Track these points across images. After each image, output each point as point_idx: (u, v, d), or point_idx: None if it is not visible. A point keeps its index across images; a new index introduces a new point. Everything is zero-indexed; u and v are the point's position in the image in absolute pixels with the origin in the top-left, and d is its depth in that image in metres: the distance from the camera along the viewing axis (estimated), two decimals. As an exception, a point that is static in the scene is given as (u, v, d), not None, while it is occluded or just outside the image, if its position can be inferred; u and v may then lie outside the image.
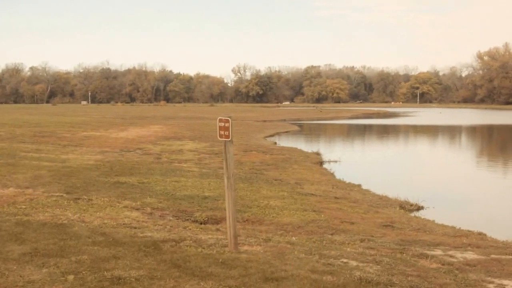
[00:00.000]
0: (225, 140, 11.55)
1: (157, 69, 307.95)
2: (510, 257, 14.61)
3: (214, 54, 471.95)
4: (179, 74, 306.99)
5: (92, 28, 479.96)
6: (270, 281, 9.60)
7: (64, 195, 19.34)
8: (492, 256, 14.54)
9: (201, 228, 15.27)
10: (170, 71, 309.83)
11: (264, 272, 10.05)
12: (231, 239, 11.90)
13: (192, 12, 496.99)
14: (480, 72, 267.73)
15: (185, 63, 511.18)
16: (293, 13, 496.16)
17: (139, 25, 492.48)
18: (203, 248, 11.94)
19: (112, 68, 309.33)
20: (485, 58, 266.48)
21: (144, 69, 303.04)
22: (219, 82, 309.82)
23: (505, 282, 11.89)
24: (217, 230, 15.07)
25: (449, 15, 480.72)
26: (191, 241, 12.57)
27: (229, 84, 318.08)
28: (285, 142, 60.69)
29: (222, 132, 11.53)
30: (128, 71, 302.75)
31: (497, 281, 11.91)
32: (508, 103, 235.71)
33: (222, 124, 11.48)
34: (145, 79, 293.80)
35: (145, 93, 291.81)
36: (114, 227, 14.18)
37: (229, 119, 11.36)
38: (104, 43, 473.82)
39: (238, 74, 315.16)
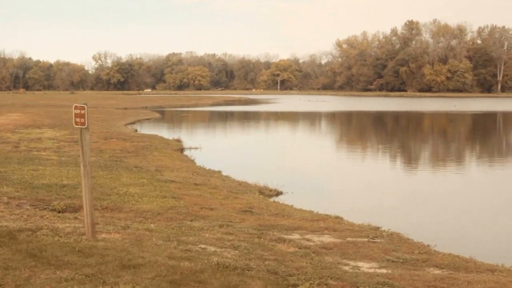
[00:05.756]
0: (81, 127, 11.43)
1: (16, 56, 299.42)
2: (366, 239, 15.07)
3: (75, 41, 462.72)
4: (38, 61, 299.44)
5: None
6: (127, 268, 9.58)
7: None
8: (348, 239, 14.95)
9: (59, 217, 15.02)
10: (30, 58, 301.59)
11: (121, 260, 10.02)
12: (88, 227, 11.80)
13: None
14: (339, 59, 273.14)
15: (45, 50, 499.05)
16: (155, 0, 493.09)
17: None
18: (60, 236, 11.78)
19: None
20: (344, 46, 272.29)
21: (2, 56, 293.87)
22: (79, 69, 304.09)
23: (360, 264, 12.27)
24: (75, 218, 14.86)
25: (309, 3, 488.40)
26: (48, 230, 12.37)
27: (90, 72, 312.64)
28: (146, 129, 60.39)
29: (78, 119, 11.40)
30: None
31: (352, 263, 12.27)
32: (366, 90, 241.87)
33: (78, 111, 11.35)
34: (3, 66, 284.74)
35: (3, 80, 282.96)
36: (-33, 218, 13.82)
37: (85, 106, 11.24)
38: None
39: (99, 61, 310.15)
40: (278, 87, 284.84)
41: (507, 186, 29.60)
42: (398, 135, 62.80)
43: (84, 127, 11.37)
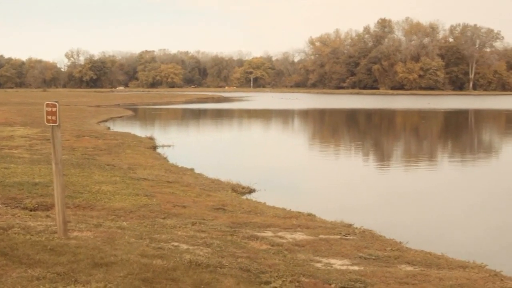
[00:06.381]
0: (52, 125, 11.37)
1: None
2: (338, 236, 15.12)
3: (47, 39, 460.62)
4: (10, 59, 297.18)
5: None
6: (99, 266, 9.55)
7: None
8: (321, 236, 15.00)
9: (31, 215, 14.95)
10: (1, 56, 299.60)
11: (93, 258, 9.98)
12: (60, 226, 11.74)
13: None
14: (312, 57, 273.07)
15: (17, 47, 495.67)
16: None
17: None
18: (32, 235, 11.70)
19: None
20: (317, 43, 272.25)
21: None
22: (52, 67, 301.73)
23: (332, 261, 12.31)
24: (47, 216, 14.78)
25: (283, 1, 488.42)
26: (19, 229, 12.28)
27: (62, 69, 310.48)
28: (119, 127, 60.10)
29: (49, 117, 11.34)
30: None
31: (324, 260, 12.31)
32: (338, 87, 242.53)
33: (50, 108, 11.29)
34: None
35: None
36: None
37: (57, 104, 11.19)
38: None
39: (72, 59, 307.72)
40: (251, 84, 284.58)
41: (478, 183, 29.82)
42: (371, 132, 62.96)
43: (55, 125, 11.31)
